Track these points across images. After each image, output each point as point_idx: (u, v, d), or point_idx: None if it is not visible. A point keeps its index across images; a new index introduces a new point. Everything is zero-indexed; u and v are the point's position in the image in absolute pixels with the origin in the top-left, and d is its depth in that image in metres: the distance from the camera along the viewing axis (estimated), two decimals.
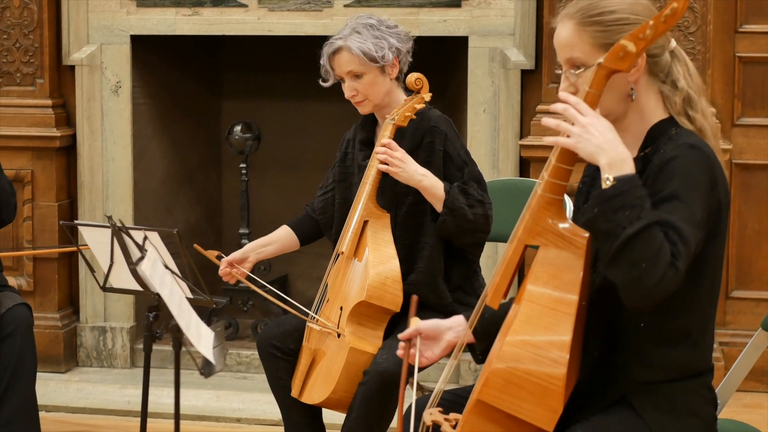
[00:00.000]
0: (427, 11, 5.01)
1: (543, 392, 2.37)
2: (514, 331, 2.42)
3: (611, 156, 2.34)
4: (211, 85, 5.99)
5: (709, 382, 2.58)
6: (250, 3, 5.13)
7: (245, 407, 4.78)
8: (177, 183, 5.72)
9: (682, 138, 2.46)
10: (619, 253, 2.29)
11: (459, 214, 3.53)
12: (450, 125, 3.69)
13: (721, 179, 2.45)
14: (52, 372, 5.23)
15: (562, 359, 2.37)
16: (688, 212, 2.33)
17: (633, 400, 2.51)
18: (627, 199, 2.30)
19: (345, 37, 3.63)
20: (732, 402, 4.81)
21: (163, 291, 2.44)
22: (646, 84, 2.52)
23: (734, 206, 5.02)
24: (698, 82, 2.56)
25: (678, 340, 2.49)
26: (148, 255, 2.48)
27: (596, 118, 2.38)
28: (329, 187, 3.87)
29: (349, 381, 3.50)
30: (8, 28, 5.24)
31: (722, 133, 4.90)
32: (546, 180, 2.46)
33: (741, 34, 4.96)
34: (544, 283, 2.44)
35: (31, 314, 3.96)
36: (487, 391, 2.41)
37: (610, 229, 2.30)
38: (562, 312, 2.41)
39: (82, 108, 5.27)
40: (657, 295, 2.29)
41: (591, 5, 2.52)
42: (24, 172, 5.25)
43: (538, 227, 2.47)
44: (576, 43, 2.50)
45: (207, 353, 2.48)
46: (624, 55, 2.36)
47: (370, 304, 3.51)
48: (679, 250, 2.29)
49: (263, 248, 3.83)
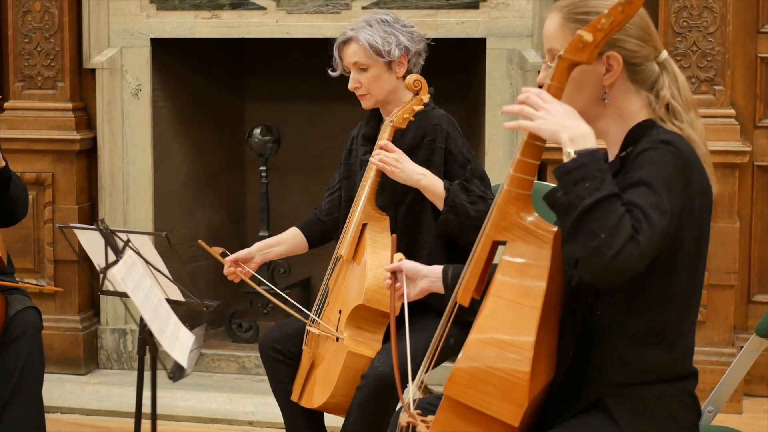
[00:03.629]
0: (445, 13, 4.98)
1: (508, 387, 2.34)
2: (479, 326, 2.40)
3: (573, 131, 2.31)
4: (235, 88, 6.00)
5: (690, 387, 2.53)
6: (269, 6, 5.14)
7: (258, 410, 4.77)
8: (199, 186, 5.73)
9: (660, 135, 2.41)
10: (578, 223, 2.25)
11: (460, 212, 3.51)
12: (452, 123, 3.67)
13: (697, 180, 2.40)
14: (72, 374, 5.26)
15: (527, 353, 2.34)
16: (654, 198, 2.28)
17: (609, 403, 2.46)
18: (587, 171, 2.26)
19: (357, 29, 3.65)
20: (753, 407, 4.80)
21: (138, 294, 2.43)
22: (625, 90, 2.48)
23: (757, 209, 4.95)
24: (687, 96, 2.52)
25: (653, 342, 2.44)
26: (125, 258, 2.47)
27: (558, 103, 2.35)
28: (335, 188, 3.86)
29: (347, 385, 3.48)
30: (29, 32, 5.28)
31: (743, 135, 4.83)
32: (511, 174, 2.43)
33: (763, 34, 4.88)
34: (510, 277, 2.42)
35: (40, 318, 3.96)
36: (453, 386, 2.40)
37: (570, 201, 2.27)
38: (528, 306, 2.37)
39: (103, 111, 5.30)
40: (617, 269, 2.22)
41: (581, 3, 2.50)
42: (45, 175, 5.29)
43: (504, 222, 2.44)
44: (558, 36, 2.49)
45: (179, 357, 2.47)
46: (583, 46, 2.33)
47: (368, 308, 3.49)
48: (642, 226, 2.23)
49: (270, 249, 3.82)
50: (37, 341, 3.91)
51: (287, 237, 3.88)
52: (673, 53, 4.69)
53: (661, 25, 4.71)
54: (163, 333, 2.48)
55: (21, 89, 5.32)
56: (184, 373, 2.54)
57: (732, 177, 4.71)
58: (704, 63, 4.70)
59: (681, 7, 4.69)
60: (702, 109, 4.64)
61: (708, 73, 4.71)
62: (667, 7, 4.71)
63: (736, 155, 4.67)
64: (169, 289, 3.06)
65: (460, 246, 3.60)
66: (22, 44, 5.29)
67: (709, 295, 4.74)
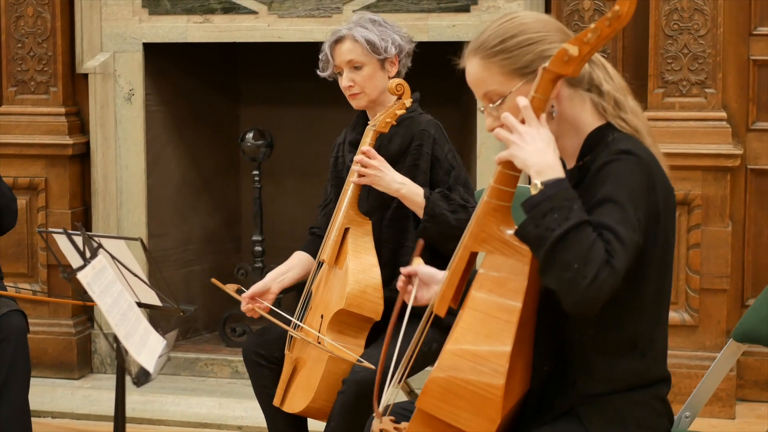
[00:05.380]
0: (436, 16, 4.97)
1: (481, 401, 2.32)
2: (454, 339, 2.39)
3: (539, 163, 2.30)
4: (229, 92, 6.00)
5: (662, 393, 2.52)
6: (261, 10, 5.14)
7: (247, 415, 4.76)
8: (193, 190, 5.73)
9: (618, 144, 2.40)
10: (550, 256, 2.23)
11: (440, 221, 3.50)
12: (439, 129, 3.66)
13: (660, 183, 2.39)
14: (65, 378, 5.25)
15: (501, 368, 2.32)
16: (622, 214, 2.27)
17: (580, 413, 2.45)
18: (555, 202, 2.25)
19: (351, 28, 3.64)
20: (746, 412, 4.78)
21: (105, 300, 2.42)
22: (569, 97, 2.46)
23: (750, 212, 4.92)
24: (620, 83, 2.50)
25: (624, 350, 2.43)
26: (93, 263, 2.47)
27: (534, 126, 2.33)
28: (328, 200, 3.83)
29: (328, 390, 3.46)
30: (22, 36, 5.28)
31: (736, 138, 4.80)
32: (492, 186, 2.42)
33: (755, 36, 4.85)
34: (487, 290, 2.40)
35: (25, 321, 3.96)
36: (426, 399, 2.38)
37: (540, 233, 2.25)
38: (504, 320, 2.36)
39: (96, 116, 5.30)
40: (594, 297, 2.21)
41: (490, 36, 2.47)
42: (38, 180, 5.29)
43: (483, 234, 2.43)
44: (486, 78, 2.46)
45: (145, 362, 2.47)
46: (568, 59, 2.31)
47: (350, 313, 3.48)
48: (614, 248, 2.22)
49: (284, 276, 3.71)
50: (22, 344, 3.91)
51: (296, 261, 3.78)
52: (664, 56, 4.68)
53: (652, 28, 4.69)
54: (131, 338, 2.48)
55: (14, 94, 5.33)
56: (150, 378, 2.54)
57: (724, 180, 4.68)
58: (695, 66, 4.68)
59: (672, 10, 4.67)
60: (693, 112, 4.70)
61: (699, 76, 4.68)
62: (657, 10, 4.69)
63: (728, 158, 4.65)
64: (146, 294, 3.05)
65: (442, 253, 3.59)
66: (15, 49, 5.30)
67: (701, 300, 4.72)
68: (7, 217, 4.01)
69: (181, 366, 5.32)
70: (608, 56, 4.75)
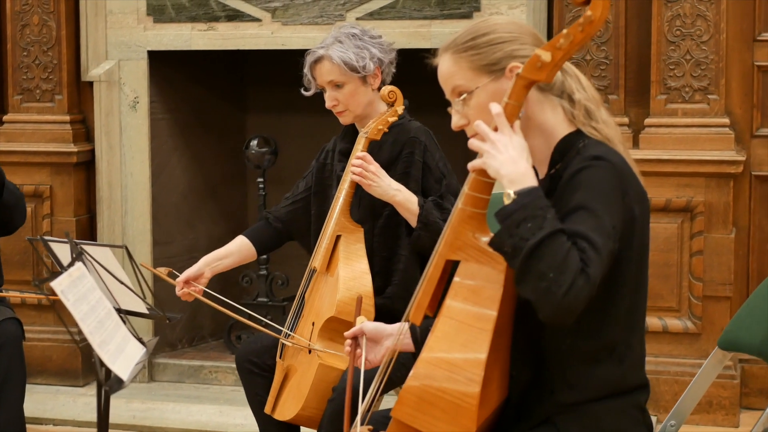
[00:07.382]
0: (439, 23, 4.96)
1: (456, 410, 2.30)
2: (429, 348, 2.37)
3: (512, 173, 2.28)
4: (235, 100, 6.00)
5: (641, 401, 2.49)
6: (264, 17, 5.14)
7: (247, 422, 4.74)
8: (199, 197, 5.73)
9: (589, 150, 2.38)
10: (525, 266, 2.21)
11: (433, 229, 3.48)
12: (430, 136, 3.65)
13: (633, 188, 2.37)
14: (70, 386, 5.26)
15: (476, 377, 2.30)
16: (596, 221, 2.25)
17: (558, 421, 2.43)
18: (528, 212, 2.23)
19: (327, 47, 3.61)
20: (751, 421, 4.73)
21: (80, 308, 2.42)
22: (539, 101, 2.45)
23: (755, 219, 4.88)
24: (593, 94, 2.49)
25: (602, 357, 2.41)
26: (70, 271, 2.47)
27: (506, 134, 2.32)
28: (299, 197, 3.83)
29: (318, 397, 3.46)
30: (28, 45, 5.31)
31: (740, 144, 4.77)
32: (466, 193, 2.40)
33: (760, 42, 4.81)
34: (463, 298, 2.38)
35: (21, 329, 3.97)
36: (401, 408, 2.36)
37: (514, 243, 2.23)
38: (479, 328, 2.34)
39: (101, 123, 5.32)
40: (570, 306, 2.19)
41: (463, 34, 2.49)
42: (43, 188, 5.31)
43: (458, 242, 2.41)
44: (455, 72, 2.47)
45: (119, 371, 2.47)
46: (541, 65, 2.30)
47: (340, 320, 3.47)
48: (589, 256, 2.20)
49: (219, 261, 3.74)
50: (17, 352, 3.92)
51: (236, 247, 3.79)
52: (666, 62, 4.65)
53: (654, 34, 4.67)
54: (106, 346, 2.48)
55: (19, 102, 5.36)
56: (123, 385, 2.53)
57: (726, 187, 4.65)
58: (698, 72, 4.65)
59: (674, 16, 4.64)
60: (696, 118, 4.67)
61: (702, 82, 4.65)
62: (660, 16, 4.66)
63: (730, 165, 4.61)
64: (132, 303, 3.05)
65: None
66: (21, 57, 5.32)
67: (704, 307, 4.68)
68: (18, 213, 4.03)
69: (185, 373, 5.32)
70: (610, 62, 4.73)
